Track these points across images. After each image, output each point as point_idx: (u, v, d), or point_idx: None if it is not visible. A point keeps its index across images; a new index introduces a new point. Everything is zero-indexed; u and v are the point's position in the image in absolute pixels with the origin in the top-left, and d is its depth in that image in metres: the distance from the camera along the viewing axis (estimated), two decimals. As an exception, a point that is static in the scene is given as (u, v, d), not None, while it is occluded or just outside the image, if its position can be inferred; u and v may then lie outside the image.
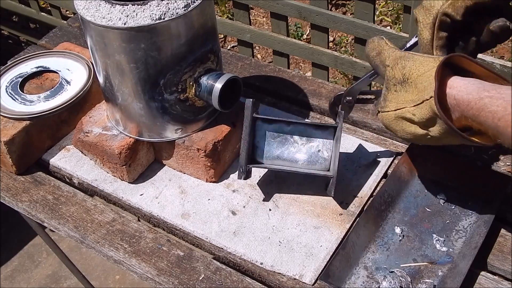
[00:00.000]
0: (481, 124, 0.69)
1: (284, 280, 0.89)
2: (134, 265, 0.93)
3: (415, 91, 0.75)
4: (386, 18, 2.59)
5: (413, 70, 0.76)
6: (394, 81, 0.79)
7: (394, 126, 0.81)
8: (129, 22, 0.86)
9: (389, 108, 0.80)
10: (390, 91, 0.80)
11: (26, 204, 1.05)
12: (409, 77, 0.76)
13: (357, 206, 0.97)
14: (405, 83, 0.77)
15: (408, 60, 0.78)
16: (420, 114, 0.75)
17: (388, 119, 0.81)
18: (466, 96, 0.70)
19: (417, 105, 0.75)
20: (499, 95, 0.67)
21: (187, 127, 1.01)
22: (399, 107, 0.78)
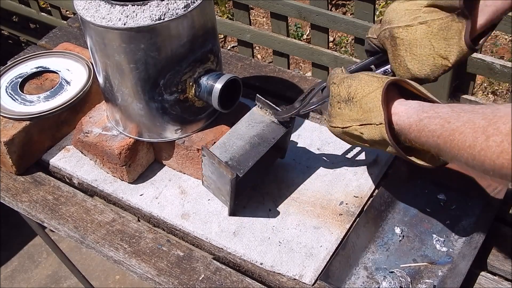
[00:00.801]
0: (423, 145, 0.72)
1: (284, 280, 0.89)
2: (134, 265, 0.93)
3: (360, 111, 0.78)
4: (386, 18, 2.59)
5: (358, 89, 0.78)
6: (338, 99, 0.81)
7: (343, 139, 0.84)
8: (129, 23, 0.86)
9: (335, 125, 0.83)
10: (334, 108, 0.82)
11: (26, 204, 1.05)
12: (354, 96, 0.79)
13: (357, 206, 0.97)
14: (350, 102, 0.79)
15: (353, 79, 0.80)
16: (369, 135, 0.78)
17: (336, 132, 0.84)
18: (407, 120, 0.73)
19: (363, 125, 0.78)
20: (436, 114, 0.69)
21: (187, 127, 1.01)
22: (346, 125, 0.81)
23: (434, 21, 0.82)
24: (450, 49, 0.82)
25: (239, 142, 0.94)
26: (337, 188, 1.00)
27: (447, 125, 0.66)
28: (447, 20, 0.81)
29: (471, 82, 1.54)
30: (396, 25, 0.85)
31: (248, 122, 0.97)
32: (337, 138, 0.83)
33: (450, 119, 0.66)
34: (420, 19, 0.83)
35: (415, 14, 0.83)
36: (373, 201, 0.95)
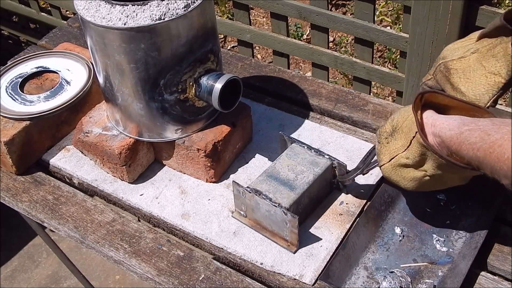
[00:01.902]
0: (463, 158, 0.73)
1: (284, 280, 0.89)
2: (134, 265, 0.93)
3: (403, 136, 0.80)
4: (386, 18, 2.59)
5: (400, 119, 0.81)
6: (385, 135, 0.84)
7: (394, 177, 0.84)
8: (129, 23, 0.86)
9: (384, 161, 0.84)
10: (383, 144, 0.84)
11: (26, 204, 1.05)
12: (397, 126, 0.82)
13: (357, 206, 0.97)
14: (395, 132, 0.82)
15: (395, 113, 0.84)
16: (412, 155, 0.79)
17: (386, 171, 0.85)
18: (448, 132, 0.75)
19: (407, 148, 0.80)
20: (477, 127, 0.71)
21: (187, 127, 1.01)
22: (392, 156, 0.82)
23: (484, 46, 0.85)
24: (499, 64, 0.83)
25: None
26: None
27: (486, 138, 0.68)
28: (495, 41, 0.84)
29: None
30: (450, 59, 0.88)
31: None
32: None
33: (490, 131, 0.68)
34: (472, 50, 0.87)
35: (467, 48, 0.88)
36: (373, 201, 0.95)
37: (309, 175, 0.95)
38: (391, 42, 1.52)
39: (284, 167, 0.96)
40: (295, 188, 0.92)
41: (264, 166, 1.05)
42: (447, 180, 0.82)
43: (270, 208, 0.90)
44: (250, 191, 0.92)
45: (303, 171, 0.95)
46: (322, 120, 1.15)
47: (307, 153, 0.98)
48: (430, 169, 0.79)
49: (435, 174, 0.80)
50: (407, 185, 0.84)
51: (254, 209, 0.94)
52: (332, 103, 1.17)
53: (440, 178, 0.80)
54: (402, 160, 0.81)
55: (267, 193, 0.91)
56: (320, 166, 0.96)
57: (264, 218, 0.93)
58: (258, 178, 0.95)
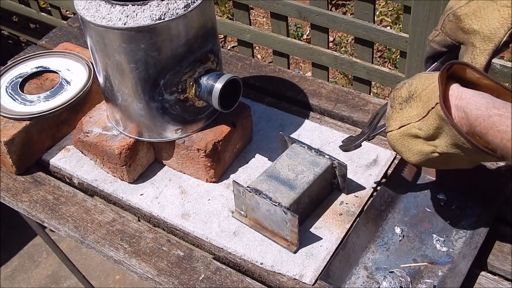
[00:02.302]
0: (488, 143, 0.68)
1: (284, 280, 0.89)
2: (134, 265, 0.93)
3: (420, 105, 0.75)
4: (386, 18, 2.59)
5: (419, 85, 0.76)
6: (400, 100, 0.78)
7: (400, 147, 0.79)
8: (129, 23, 0.86)
9: (392, 127, 0.79)
10: (395, 109, 0.79)
11: (26, 204, 1.05)
12: (414, 93, 0.76)
13: (357, 206, 0.97)
14: (411, 99, 0.76)
15: (414, 78, 0.78)
16: (426, 126, 0.73)
17: (393, 138, 0.79)
18: (475, 110, 0.68)
19: (422, 118, 0.74)
20: (509, 114, 0.65)
21: (187, 127, 1.01)
22: (404, 124, 0.77)
23: None
24: None
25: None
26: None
27: None
28: None
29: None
30: (458, 6, 0.83)
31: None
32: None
33: None
34: None
35: None
36: (373, 201, 0.95)
37: (309, 175, 0.95)
38: (391, 42, 1.52)
39: (284, 167, 0.96)
40: (295, 187, 0.92)
41: (264, 166, 1.05)
42: (454, 161, 0.76)
43: (270, 208, 0.90)
44: (250, 190, 0.92)
45: (303, 171, 0.95)
46: (322, 120, 1.15)
47: (307, 153, 0.98)
48: (442, 146, 0.73)
49: (445, 152, 0.74)
50: (411, 158, 0.79)
51: (254, 209, 0.94)
52: (332, 103, 1.17)
53: (449, 157, 0.75)
54: (413, 130, 0.76)
55: (267, 193, 0.91)
56: (320, 166, 0.96)
57: (264, 217, 0.93)
58: (258, 178, 0.95)
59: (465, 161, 0.76)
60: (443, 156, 0.75)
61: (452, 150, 0.73)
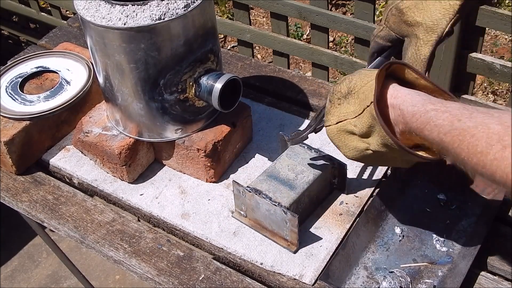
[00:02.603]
0: (425, 138, 0.68)
1: (284, 280, 0.89)
2: (134, 265, 0.93)
3: (357, 102, 0.76)
4: (386, 18, 2.59)
5: (358, 82, 0.76)
6: (339, 95, 0.79)
7: (337, 142, 0.81)
8: (129, 22, 0.86)
9: (330, 122, 0.80)
10: (334, 104, 0.80)
11: (26, 204, 1.05)
12: (353, 89, 0.77)
13: (357, 206, 0.97)
14: (349, 95, 0.77)
15: (354, 74, 0.79)
16: (361, 124, 0.75)
17: (330, 133, 0.81)
18: (411, 108, 0.69)
19: (358, 115, 0.75)
20: (445, 109, 0.65)
21: (187, 127, 1.01)
22: (341, 119, 0.78)
23: None
24: None
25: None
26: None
27: (457, 123, 0.62)
28: None
29: (471, 82, 1.54)
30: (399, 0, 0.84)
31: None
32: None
33: (461, 117, 0.62)
34: None
35: None
36: (373, 201, 0.95)
37: (309, 175, 0.95)
38: (391, 42, 1.52)
39: (284, 167, 0.96)
40: (295, 187, 0.92)
41: (264, 166, 1.05)
42: (388, 159, 0.78)
43: (270, 208, 0.90)
44: (250, 190, 0.92)
45: (303, 171, 0.95)
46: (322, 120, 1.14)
47: (307, 153, 0.98)
48: (373, 144, 0.75)
49: (377, 151, 0.75)
50: (347, 153, 0.80)
51: (254, 209, 0.94)
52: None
53: (382, 155, 0.76)
54: (349, 127, 0.77)
55: (267, 193, 0.91)
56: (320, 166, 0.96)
57: (264, 217, 0.93)
58: (258, 178, 0.95)
59: (399, 161, 0.77)
60: (376, 154, 0.76)
61: (382, 149, 0.74)
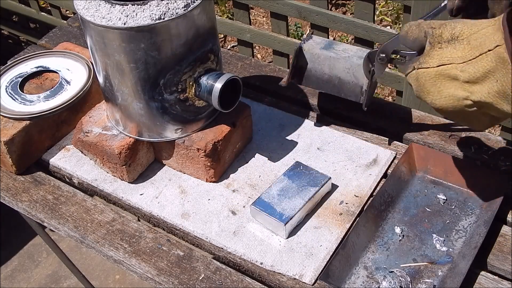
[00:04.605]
0: None
1: (284, 280, 0.89)
2: (134, 265, 0.93)
3: (467, 48, 0.71)
4: (386, 18, 2.59)
5: (465, 29, 0.73)
6: (439, 39, 0.74)
7: (429, 86, 0.75)
8: (129, 22, 0.86)
9: (429, 64, 0.75)
10: (434, 48, 0.75)
11: (26, 204, 1.05)
12: (459, 35, 0.73)
13: (357, 206, 0.97)
14: (454, 41, 0.73)
15: (458, 22, 0.74)
16: (474, 69, 0.70)
17: (426, 76, 0.75)
18: None
19: (468, 60, 0.71)
20: None
21: (187, 127, 1.01)
22: (444, 63, 0.73)
23: None
24: None
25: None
26: (337, 188, 1.01)
27: None
28: None
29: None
30: None
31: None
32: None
33: None
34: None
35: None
36: (373, 200, 0.95)
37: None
38: (391, 42, 1.52)
39: None
40: None
41: (264, 166, 1.06)
42: (477, 117, 0.74)
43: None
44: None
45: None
46: (322, 120, 1.14)
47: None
48: (481, 92, 0.71)
49: (479, 101, 0.71)
50: (437, 101, 0.75)
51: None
52: (332, 103, 1.17)
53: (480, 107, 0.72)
54: (453, 71, 0.72)
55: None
56: None
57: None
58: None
59: (485, 120, 0.75)
60: (475, 104, 0.73)
61: (491, 99, 0.70)
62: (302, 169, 1.00)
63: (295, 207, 0.93)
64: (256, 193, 1.01)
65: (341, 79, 1.01)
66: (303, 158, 1.06)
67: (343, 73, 1.01)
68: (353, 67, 0.99)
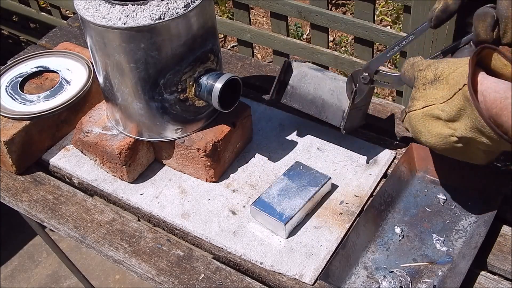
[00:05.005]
0: (501, 125, 0.70)
1: (284, 280, 0.89)
2: (134, 265, 0.93)
3: (446, 87, 0.76)
4: (386, 18, 2.59)
5: (446, 69, 0.77)
6: (424, 81, 0.79)
7: (420, 127, 0.80)
8: (129, 22, 0.86)
9: (416, 107, 0.80)
10: (419, 90, 0.80)
11: (26, 204, 1.05)
12: (440, 75, 0.77)
13: (357, 206, 0.97)
14: (436, 81, 0.77)
15: (441, 62, 0.78)
16: (450, 108, 0.74)
17: (415, 118, 0.80)
18: (493, 94, 0.71)
19: (447, 100, 0.75)
20: None
21: (187, 127, 1.01)
22: (427, 104, 0.78)
23: None
24: None
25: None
26: (337, 188, 1.00)
27: None
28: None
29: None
30: None
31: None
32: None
33: None
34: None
35: None
36: (373, 200, 0.95)
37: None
38: (391, 42, 1.52)
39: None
40: None
41: (264, 165, 1.06)
42: (471, 151, 0.78)
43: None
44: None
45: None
46: (322, 120, 1.14)
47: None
48: (461, 129, 0.75)
49: (463, 136, 0.75)
50: (429, 139, 0.80)
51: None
52: (332, 103, 1.16)
53: (466, 144, 0.76)
54: (435, 111, 0.77)
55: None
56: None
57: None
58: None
59: (480, 153, 0.78)
60: (461, 140, 0.76)
61: (470, 134, 0.74)
62: (302, 169, 1.00)
63: (295, 207, 0.93)
64: (256, 193, 1.01)
65: (324, 101, 1.01)
66: (303, 158, 1.06)
67: (327, 94, 1.01)
68: (338, 89, 1.00)
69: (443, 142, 0.79)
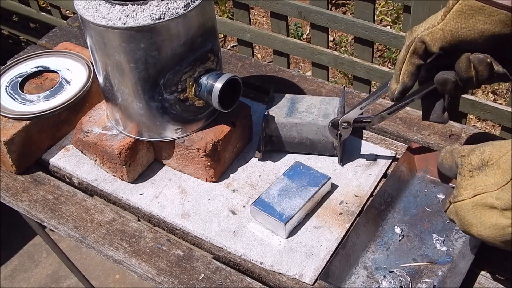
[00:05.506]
0: None
1: (284, 280, 0.89)
2: (134, 265, 0.93)
3: (498, 172, 0.68)
4: (386, 18, 2.59)
5: (494, 153, 0.70)
6: (469, 167, 0.72)
7: (471, 218, 0.72)
8: (129, 22, 0.86)
9: (464, 196, 0.72)
10: (465, 177, 0.72)
11: (26, 204, 1.05)
12: (489, 160, 0.70)
13: (357, 206, 0.97)
14: (485, 167, 0.70)
15: (487, 145, 0.72)
16: (507, 195, 0.67)
17: (464, 209, 0.72)
18: None
19: (501, 186, 0.67)
20: None
21: (187, 127, 1.01)
22: (478, 192, 0.70)
23: None
24: None
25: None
26: (337, 188, 1.01)
27: None
28: None
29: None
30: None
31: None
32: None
33: None
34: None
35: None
36: (373, 200, 0.95)
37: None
38: (391, 42, 1.52)
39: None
40: None
41: (264, 166, 1.06)
42: None
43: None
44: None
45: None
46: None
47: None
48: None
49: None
50: (482, 232, 0.71)
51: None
52: (332, 103, 1.17)
53: None
54: (489, 200, 0.68)
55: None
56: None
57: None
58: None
59: None
60: None
61: None
62: (302, 169, 1.00)
63: (295, 207, 0.93)
64: (256, 193, 1.01)
65: (311, 140, 1.04)
66: (303, 158, 1.06)
67: (312, 134, 1.03)
68: (320, 129, 1.02)
69: (499, 234, 0.70)
